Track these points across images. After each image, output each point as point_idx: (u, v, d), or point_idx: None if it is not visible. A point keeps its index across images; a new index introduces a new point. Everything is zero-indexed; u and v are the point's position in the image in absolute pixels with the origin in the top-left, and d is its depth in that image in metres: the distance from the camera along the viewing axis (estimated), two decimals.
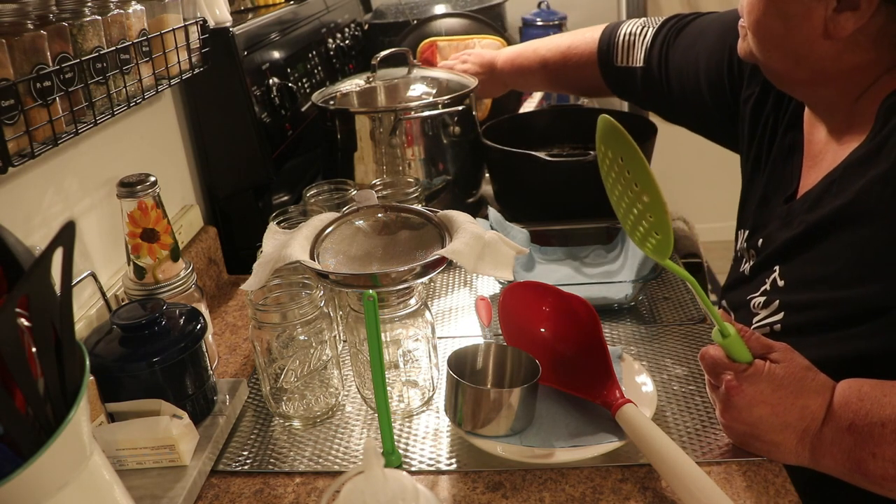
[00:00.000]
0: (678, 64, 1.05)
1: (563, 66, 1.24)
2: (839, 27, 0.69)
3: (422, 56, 1.52)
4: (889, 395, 0.62)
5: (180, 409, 0.72)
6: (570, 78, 1.27)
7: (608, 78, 1.19)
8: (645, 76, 1.11)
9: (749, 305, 0.80)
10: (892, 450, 0.61)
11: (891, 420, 0.61)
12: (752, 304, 0.80)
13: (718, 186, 3.01)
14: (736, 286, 0.87)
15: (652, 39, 1.10)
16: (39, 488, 0.42)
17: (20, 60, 0.66)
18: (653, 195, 0.65)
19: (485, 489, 0.69)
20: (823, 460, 0.65)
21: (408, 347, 0.82)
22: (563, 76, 1.27)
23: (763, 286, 0.79)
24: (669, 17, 1.10)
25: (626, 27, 1.15)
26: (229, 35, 1.08)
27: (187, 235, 1.08)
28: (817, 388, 0.66)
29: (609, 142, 0.69)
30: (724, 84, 0.97)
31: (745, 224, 0.90)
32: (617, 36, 1.15)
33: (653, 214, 0.66)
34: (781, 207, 0.81)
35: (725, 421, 0.69)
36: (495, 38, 1.55)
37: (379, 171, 1.18)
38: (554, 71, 1.26)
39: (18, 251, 0.46)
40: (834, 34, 0.70)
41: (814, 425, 0.65)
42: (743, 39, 0.80)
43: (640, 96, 1.16)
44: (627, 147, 0.66)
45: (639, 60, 1.11)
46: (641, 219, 0.68)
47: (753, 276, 0.83)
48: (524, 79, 1.33)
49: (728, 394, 0.67)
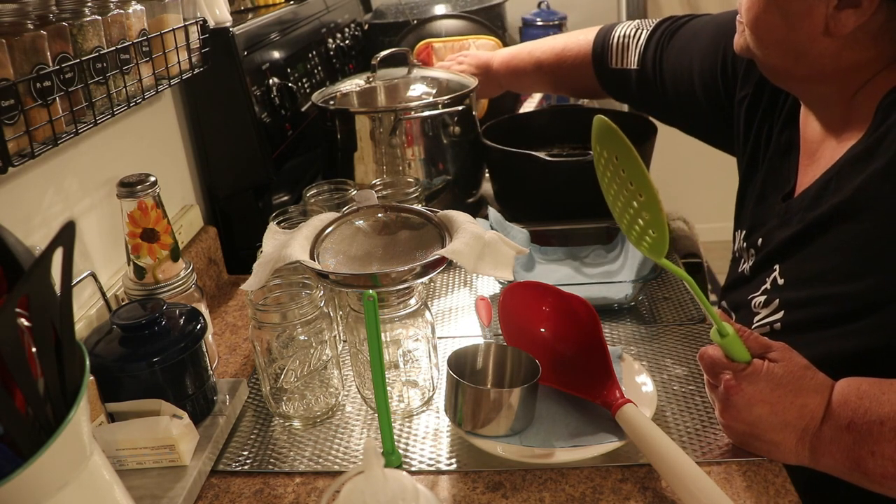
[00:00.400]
0: (672, 66, 1.05)
1: (557, 68, 1.25)
2: (840, 24, 0.69)
3: (418, 57, 1.52)
4: (888, 393, 0.63)
5: (180, 409, 0.72)
6: (565, 80, 1.27)
7: (603, 80, 1.20)
8: (639, 78, 1.11)
9: (750, 305, 0.81)
10: (892, 447, 0.61)
11: (890, 418, 0.61)
12: (753, 303, 0.80)
13: (718, 186, 3.01)
14: (736, 286, 0.87)
15: (646, 42, 1.10)
16: (39, 488, 0.42)
17: (20, 60, 0.66)
18: (648, 194, 0.65)
19: (485, 489, 0.69)
20: (823, 459, 0.65)
21: (408, 347, 0.82)
22: (558, 78, 1.27)
23: (763, 285, 0.79)
24: (664, 20, 1.11)
25: (621, 29, 1.15)
26: (229, 35, 1.08)
27: (187, 235, 1.08)
28: (816, 386, 0.66)
29: (604, 141, 0.69)
30: (718, 85, 0.97)
31: (742, 224, 0.90)
32: (611, 38, 1.15)
33: (648, 213, 0.66)
34: (779, 206, 0.82)
35: (725, 420, 0.69)
36: (490, 39, 1.56)
37: (379, 171, 1.18)
38: (549, 73, 1.26)
39: (18, 251, 0.46)
40: (835, 31, 0.70)
41: (813, 424, 0.65)
42: (740, 35, 0.80)
43: (634, 98, 1.16)
44: (622, 146, 0.66)
45: (633, 62, 1.11)
46: (637, 218, 0.68)
47: (754, 275, 0.83)
48: (519, 80, 1.34)
49: (727, 393, 0.67)
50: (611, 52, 1.15)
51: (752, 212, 0.88)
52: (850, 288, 0.69)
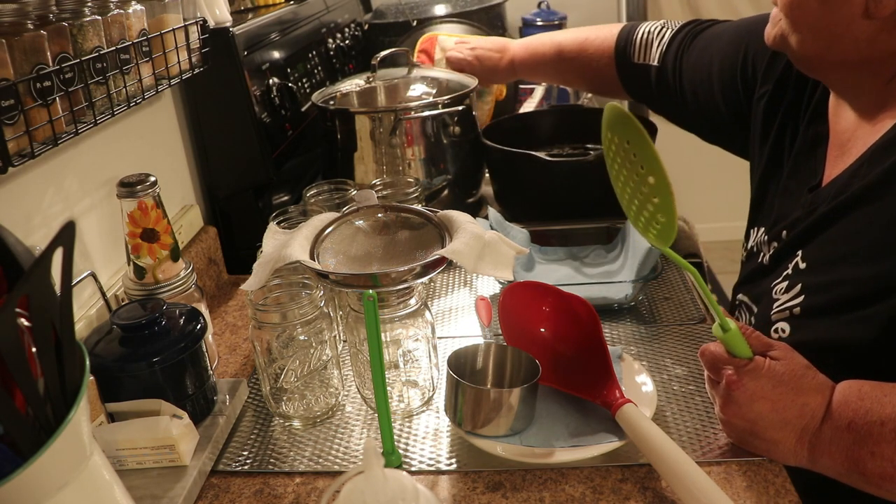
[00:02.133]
0: (692, 65, 1.05)
1: (579, 56, 1.23)
2: (881, 6, 0.69)
3: (420, 47, 1.50)
4: (889, 395, 0.62)
5: (180, 409, 0.72)
6: (584, 70, 1.25)
7: (623, 73, 1.18)
8: (659, 76, 1.11)
9: (771, 293, 0.80)
10: (891, 448, 0.61)
11: (891, 419, 0.61)
12: (775, 290, 0.79)
13: (718, 186, 3.02)
14: (752, 279, 0.86)
15: (669, 40, 1.10)
16: (39, 488, 0.42)
17: (20, 60, 0.66)
18: (658, 177, 0.65)
19: (485, 489, 0.69)
20: (822, 459, 0.65)
21: (408, 347, 0.82)
22: (577, 66, 1.25)
23: (785, 271, 0.79)
24: (689, 21, 1.11)
25: (646, 26, 1.15)
26: (229, 35, 1.08)
27: (187, 235, 1.08)
28: (817, 386, 0.66)
29: (616, 128, 0.69)
30: (737, 86, 0.97)
31: (762, 220, 0.89)
32: (636, 33, 1.15)
33: (658, 197, 0.66)
34: (805, 197, 0.81)
35: (725, 416, 0.69)
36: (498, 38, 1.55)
37: (379, 171, 1.18)
38: (568, 59, 1.24)
39: (18, 251, 0.46)
40: (875, 13, 0.69)
41: (813, 423, 0.65)
42: (773, 26, 0.80)
43: (653, 97, 1.16)
44: (635, 131, 0.66)
45: (655, 59, 1.11)
46: (646, 202, 0.67)
47: (775, 264, 0.82)
48: (536, 65, 1.31)
49: (728, 388, 0.67)
50: (634, 47, 1.15)
51: (775, 207, 0.87)
52: (870, 270, 0.69)
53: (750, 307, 0.86)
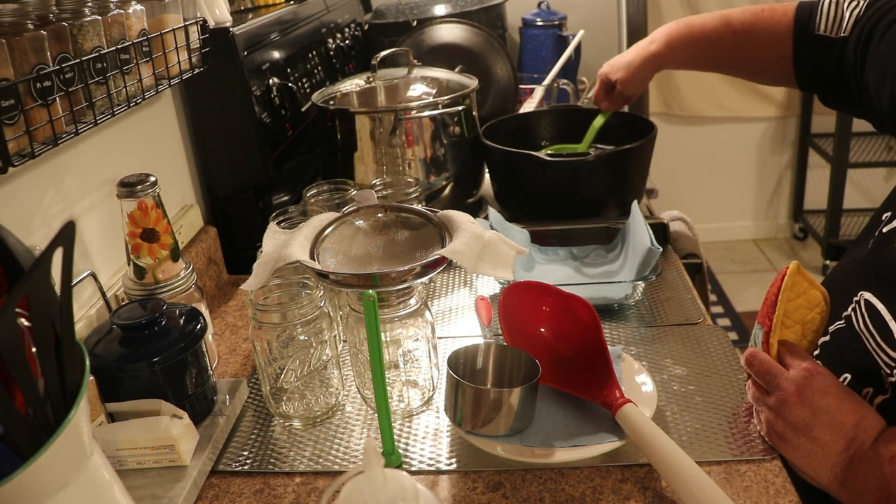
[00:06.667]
0: (877, 58, 0.89)
1: (751, 27, 1.07)
2: None
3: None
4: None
5: (180, 409, 0.72)
6: (755, 45, 1.08)
7: (800, 47, 1.02)
8: (842, 52, 0.95)
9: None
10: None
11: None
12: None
13: (718, 186, 3.02)
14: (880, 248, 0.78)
15: (863, 12, 0.93)
16: (39, 488, 0.42)
17: (20, 60, 0.66)
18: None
19: (485, 489, 0.69)
20: (856, 479, 0.63)
21: (408, 347, 0.82)
22: (747, 41, 1.08)
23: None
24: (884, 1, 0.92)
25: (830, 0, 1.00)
26: (229, 35, 1.08)
27: (187, 235, 1.08)
28: (873, 409, 0.66)
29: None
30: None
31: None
32: (822, 4, 1.00)
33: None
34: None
35: (782, 407, 0.67)
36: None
37: (379, 171, 1.18)
38: (738, 31, 1.09)
39: (18, 251, 0.46)
40: None
41: (864, 437, 0.64)
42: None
43: (827, 82, 1.00)
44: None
45: (844, 30, 0.95)
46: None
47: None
48: (694, 42, 1.14)
49: (808, 373, 0.67)
50: (819, 16, 0.99)
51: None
52: None
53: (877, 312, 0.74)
